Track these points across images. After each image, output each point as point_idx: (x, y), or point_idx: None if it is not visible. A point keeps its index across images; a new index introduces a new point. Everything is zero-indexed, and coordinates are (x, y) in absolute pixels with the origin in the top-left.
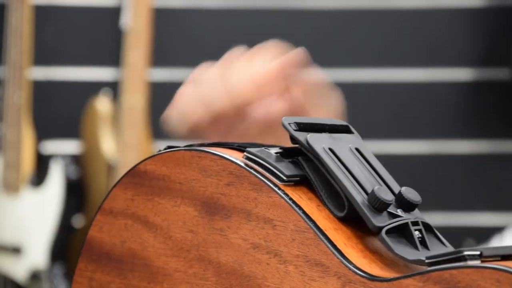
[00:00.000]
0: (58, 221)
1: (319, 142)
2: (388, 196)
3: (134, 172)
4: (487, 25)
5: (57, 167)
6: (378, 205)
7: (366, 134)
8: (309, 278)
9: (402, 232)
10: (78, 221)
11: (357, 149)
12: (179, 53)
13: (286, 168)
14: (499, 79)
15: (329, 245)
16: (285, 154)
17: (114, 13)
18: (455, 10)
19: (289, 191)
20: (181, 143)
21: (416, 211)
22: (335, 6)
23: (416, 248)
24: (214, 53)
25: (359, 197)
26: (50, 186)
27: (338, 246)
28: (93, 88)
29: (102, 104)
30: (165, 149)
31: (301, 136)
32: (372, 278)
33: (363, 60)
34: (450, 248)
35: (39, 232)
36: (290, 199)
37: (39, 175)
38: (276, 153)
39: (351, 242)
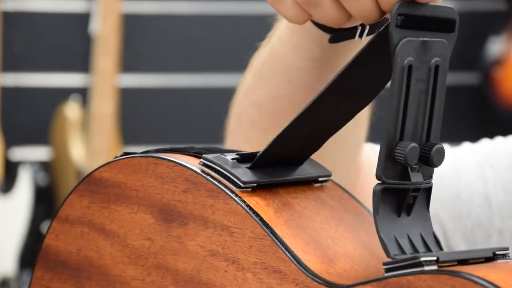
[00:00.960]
0: (27, 228)
1: (407, 52)
2: (412, 161)
3: (89, 179)
4: (458, 30)
5: (26, 174)
6: (399, 160)
7: None
8: (267, 285)
9: (400, 193)
10: (47, 228)
11: (436, 68)
12: (148, 59)
13: (243, 174)
14: (468, 84)
15: (287, 252)
16: (242, 160)
17: (83, 19)
18: None
19: (246, 197)
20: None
21: (432, 169)
22: None
23: (398, 214)
24: (184, 59)
25: (390, 139)
26: (18, 193)
27: (296, 253)
28: (62, 94)
29: (71, 110)
30: (121, 155)
31: (397, 36)
32: (330, 285)
33: None
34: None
35: (8, 239)
36: (247, 205)
37: (8, 182)
38: (232, 159)
39: (309, 249)
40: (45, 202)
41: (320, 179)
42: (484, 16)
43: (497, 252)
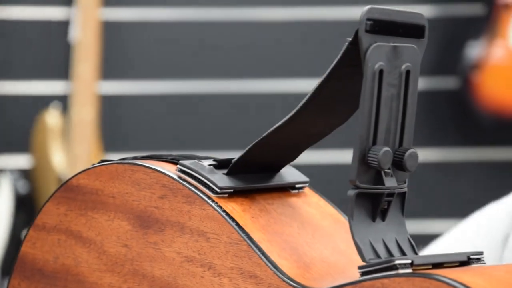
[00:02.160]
0: (8, 236)
1: (377, 57)
2: (385, 165)
3: (67, 187)
4: (436, 35)
5: (6, 182)
6: (372, 164)
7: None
8: None
9: (374, 197)
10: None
11: (407, 73)
12: (129, 66)
13: (219, 180)
14: (448, 88)
15: (263, 257)
16: (219, 166)
17: (63, 26)
18: None
19: (222, 203)
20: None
21: (406, 174)
22: (282, 18)
23: (373, 219)
24: (164, 66)
25: (363, 143)
26: None
27: (272, 258)
28: (43, 101)
29: (52, 117)
30: (98, 162)
31: (367, 41)
32: None
33: (319, 70)
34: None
35: None
36: (224, 211)
37: None
38: (209, 165)
39: (285, 254)
40: (26, 210)
41: (297, 185)
42: (463, 20)
43: (472, 257)
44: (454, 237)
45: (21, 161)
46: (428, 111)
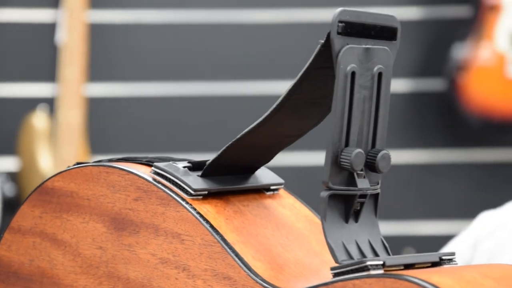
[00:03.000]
0: None
1: (349, 59)
2: (358, 167)
3: (42, 189)
4: (423, 37)
5: None
6: (344, 166)
7: (313, 145)
8: None
9: (346, 199)
10: None
11: (380, 75)
12: (116, 68)
13: (194, 182)
14: (435, 90)
15: (236, 259)
16: (194, 168)
17: (50, 29)
18: None
19: (196, 205)
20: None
21: (379, 175)
22: (275, 20)
23: (346, 220)
24: (151, 68)
25: (335, 145)
26: None
27: (246, 259)
28: (30, 104)
29: (39, 120)
30: (74, 165)
31: (339, 43)
32: None
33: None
34: (376, 226)
35: None
36: (198, 213)
37: None
38: (184, 167)
39: (259, 255)
40: (13, 213)
41: (272, 187)
42: (449, 22)
43: (444, 257)
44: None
45: (8, 163)
46: (415, 113)
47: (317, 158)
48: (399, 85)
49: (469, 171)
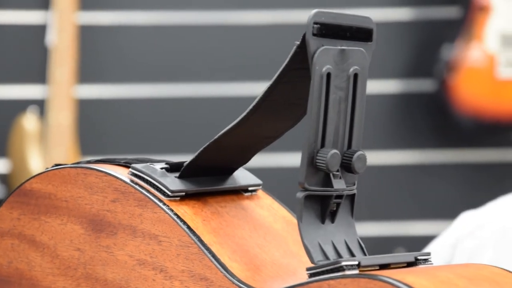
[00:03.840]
0: None
1: (325, 60)
2: (333, 167)
3: (20, 191)
4: (413, 38)
5: None
6: (320, 167)
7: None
8: None
9: (322, 199)
10: None
11: (355, 76)
12: (106, 69)
13: (171, 183)
14: (425, 91)
15: (213, 259)
16: (171, 169)
17: (40, 30)
18: (382, 24)
19: (174, 206)
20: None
21: (355, 176)
22: (267, 21)
23: (322, 221)
24: (141, 70)
25: (311, 146)
26: None
27: (222, 260)
28: (20, 106)
29: (29, 122)
30: (52, 166)
31: (314, 44)
32: None
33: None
34: (353, 226)
35: None
36: (175, 214)
37: None
38: (161, 168)
39: (236, 256)
40: None
41: (250, 188)
42: (439, 23)
43: (419, 257)
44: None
45: None
46: (405, 114)
47: (295, 159)
48: (389, 86)
49: (460, 172)
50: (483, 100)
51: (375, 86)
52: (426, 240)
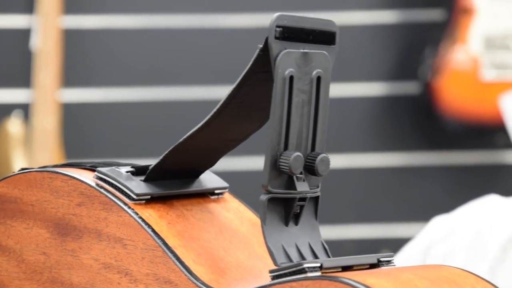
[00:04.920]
0: None
1: (287, 64)
2: (296, 170)
3: None
4: (397, 40)
5: None
6: (283, 169)
7: None
8: None
9: (286, 202)
10: None
11: (318, 79)
12: (90, 73)
13: (136, 187)
14: (409, 93)
15: (177, 263)
16: (137, 172)
17: (24, 34)
18: (366, 26)
19: (139, 209)
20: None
21: (318, 178)
22: (251, 25)
23: (286, 223)
24: (125, 73)
25: (274, 149)
26: None
27: (187, 263)
28: (4, 110)
29: (14, 126)
30: (18, 171)
31: (276, 47)
32: None
33: None
34: (317, 229)
35: None
36: (140, 217)
37: None
38: (127, 172)
39: (200, 259)
40: None
41: (217, 191)
42: (423, 26)
43: (382, 259)
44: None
45: None
46: (390, 116)
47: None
48: (374, 89)
49: (445, 174)
50: (467, 102)
51: (360, 89)
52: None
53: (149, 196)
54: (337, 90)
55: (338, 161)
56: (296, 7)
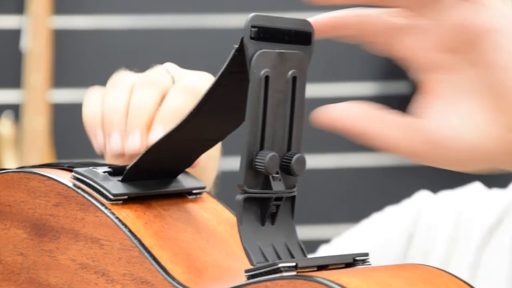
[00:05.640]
0: None
1: (263, 64)
2: (272, 170)
3: None
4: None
5: None
6: (259, 169)
7: None
8: None
9: (262, 202)
10: None
11: (294, 79)
12: (81, 74)
13: (113, 187)
14: (400, 93)
15: (154, 263)
16: (114, 173)
17: (15, 35)
18: None
19: (116, 210)
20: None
21: (295, 178)
22: (241, 25)
23: (262, 223)
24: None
25: (250, 148)
26: None
27: (163, 263)
28: None
29: (4, 127)
30: None
31: (252, 48)
32: None
33: None
34: (293, 228)
35: None
36: (117, 217)
37: None
38: (104, 172)
39: (177, 259)
40: None
41: (194, 191)
42: None
43: (357, 258)
44: (355, 237)
45: None
46: None
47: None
48: (364, 88)
49: (435, 173)
50: None
51: (350, 89)
52: None
53: (126, 196)
54: (328, 90)
55: (329, 160)
56: (280, 7)
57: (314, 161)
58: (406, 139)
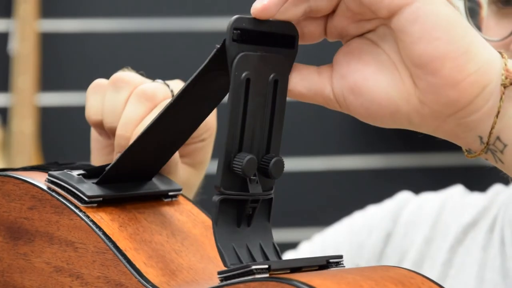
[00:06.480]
0: None
1: (244, 66)
2: (249, 172)
3: None
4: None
5: None
6: (237, 171)
7: None
8: None
9: (238, 203)
10: None
11: (275, 82)
12: (69, 77)
13: (88, 190)
14: None
15: (128, 265)
16: (89, 175)
17: (2, 38)
18: None
19: (90, 212)
20: None
21: (272, 181)
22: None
23: (238, 225)
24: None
25: (228, 150)
26: None
27: (138, 266)
28: None
29: None
30: None
31: (234, 50)
32: None
33: None
34: (269, 230)
35: None
36: (91, 220)
37: None
38: (78, 174)
39: (151, 262)
40: None
41: (170, 193)
42: None
43: (331, 260)
44: (335, 234)
45: None
46: None
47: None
48: None
49: (425, 175)
50: None
51: None
52: None
53: (100, 199)
54: None
55: (318, 163)
56: None
57: (302, 164)
58: (335, 85)
